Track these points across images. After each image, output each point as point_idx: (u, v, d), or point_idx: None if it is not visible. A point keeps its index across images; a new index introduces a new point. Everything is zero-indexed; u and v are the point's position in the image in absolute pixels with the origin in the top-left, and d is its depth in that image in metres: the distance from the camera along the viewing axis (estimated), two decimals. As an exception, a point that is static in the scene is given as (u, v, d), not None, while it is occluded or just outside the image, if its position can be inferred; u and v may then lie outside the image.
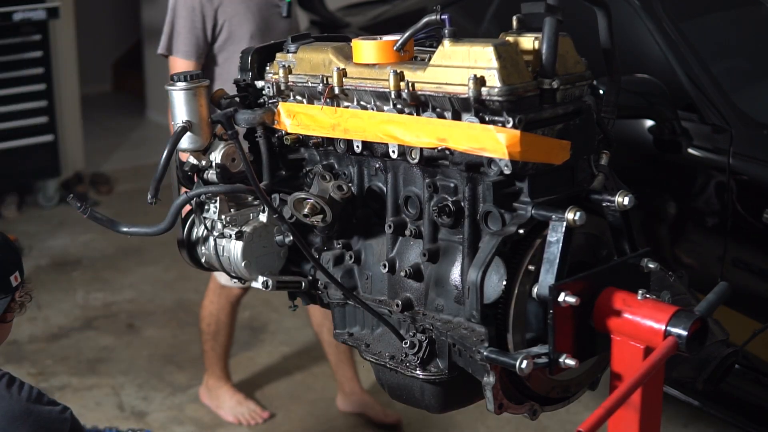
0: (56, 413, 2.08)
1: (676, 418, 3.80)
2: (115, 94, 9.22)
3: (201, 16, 3.49)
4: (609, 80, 2.00)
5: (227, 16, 3.50)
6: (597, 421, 1.56)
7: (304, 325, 4.63)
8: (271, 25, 3.57)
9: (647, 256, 1.83)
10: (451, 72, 1.75)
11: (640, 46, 3.48)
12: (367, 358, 1.99)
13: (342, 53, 1.97)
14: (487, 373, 1.74)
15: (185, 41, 3.52)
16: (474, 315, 1.73)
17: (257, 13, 3.54)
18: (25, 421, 2.02)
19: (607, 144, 1.94)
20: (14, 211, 6.25)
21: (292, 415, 4.02)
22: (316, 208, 1.93)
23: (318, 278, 2.08)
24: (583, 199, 1.84)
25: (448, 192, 1.84)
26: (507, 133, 1.68)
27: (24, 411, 2.03)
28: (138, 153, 7.34)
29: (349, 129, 1.93)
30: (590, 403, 3.11)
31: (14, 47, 6.02)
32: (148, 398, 4.14)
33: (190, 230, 2.14)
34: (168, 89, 2.00)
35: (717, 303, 1.84)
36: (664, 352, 1.65)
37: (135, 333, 4.72)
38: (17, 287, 2.18)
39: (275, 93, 2.09)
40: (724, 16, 3.77)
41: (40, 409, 2.06)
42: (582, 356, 1.74)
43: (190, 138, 2.00)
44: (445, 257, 1.87)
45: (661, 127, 3.32)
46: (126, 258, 5.54)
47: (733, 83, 3.39)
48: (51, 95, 6.23)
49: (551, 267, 1.70)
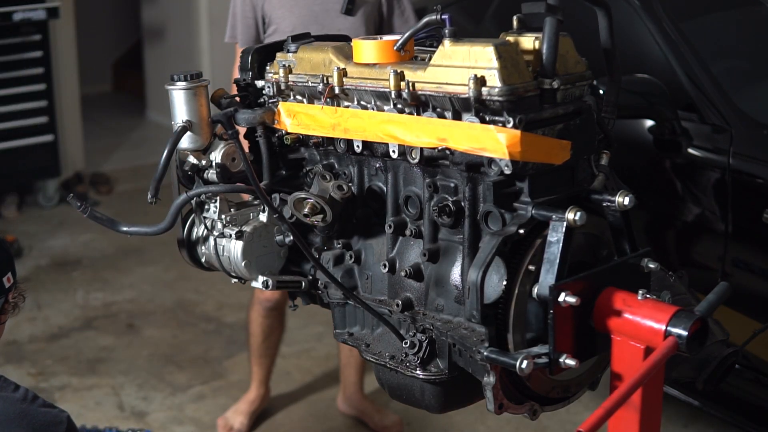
0: (52, 416, 2.05)
1: (676, 418, 3.80)
2: (115, 94, 9.22)
3: (251, 5, 3.46)
4: (609, 80, 2.00)
5: (272, 8, 3.44)
6: (597, 421, 1.56)
7: (304, 325, 4.63)
8: (323, 22, 3.39)
9: (647, 256, 1.83)
10: (451, 72, 1.75)
11: (640, 46, 3.48)
12: (367, 358, 1.99)
13: (342, 53, 1.97)
14: (487, 373, 1.74)
15: (243, 30, 3.50)
16: (474, 315, 1.73)
17: (304, 7, 3.41)
18: (20, 423, 2.00)
19: (607, 144, 1.94)
20: (14, 211, 6.25)
21: (292, 415, 4.02)
22: (316, 208, 1.93)
23: (318, 278, 2.08)
24: (583, 199, 1.84)
25: (448, 192, 1.84)
26: (507, 133, 1.68)
27: (19, 413, 2.01)
28: (138, 153, 7.34)
29: (349, 129, 1.93)
30: (590, 403, 3.12)
31: (14, 47, 6.02)
32: (148, 398, 4.14)
33: (190, 230, 2.14)
34: (168, 89, 2.00)
35: (717, 303, 1.84)
36: (665, 352, 1.65)
37: (135, 333, 4.72)
38: (10, 289, 2.14)
39: (275, 92, 2.09)
40: (724, 16, 3.77)
41: (36, 411, 2.04)
42: (582, 356, 1.74)
43: (190, 138, 2.00)
44: (445, 257, 1.87)
45: (661, 127, 3.32)
46: (126, 258, 5.54)
47: (733, 83, 3.39)
48: (51, 95, 6.23)
49: (551, 267, 1.70)
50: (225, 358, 4.42)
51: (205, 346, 4.59)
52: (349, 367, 3.92)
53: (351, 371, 3.92)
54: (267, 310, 3.78)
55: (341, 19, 3.38)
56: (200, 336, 4.69)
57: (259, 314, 3.80)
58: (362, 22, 3.42)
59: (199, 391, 4.19)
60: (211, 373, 4.34)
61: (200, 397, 4.15)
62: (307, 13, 3.40)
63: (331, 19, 3.39)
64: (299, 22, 3.38)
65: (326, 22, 3.38)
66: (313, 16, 3.40)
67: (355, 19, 3.40)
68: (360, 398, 3.93)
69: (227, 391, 4.17)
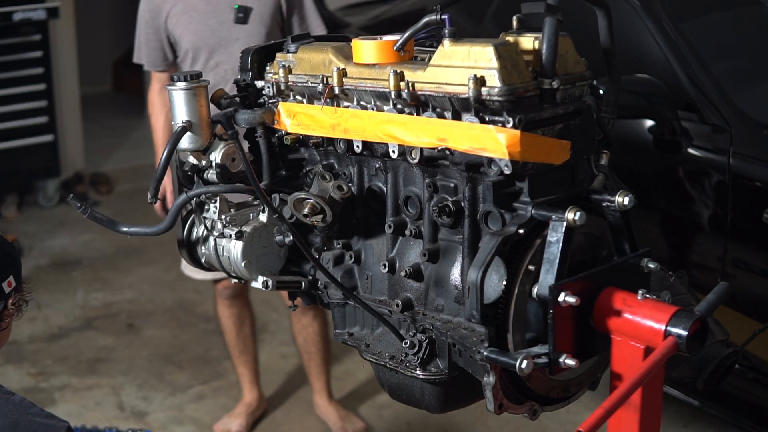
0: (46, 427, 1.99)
1: (676, 418, 3.80)
2: (115, 94, 9.22)
3: (154, 28, 3.54)
4: (609, 80, 2.00)
5: (174, 28, 3.51)
6: (597, 421, 1.56)
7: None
8: (219, 34, 3.46)
9: (647, 256, 1.83)
10: (451, 72, 1.75)
11: (640, 46, 3.48)
12: (367, 358, 1.98)
13: (342, 53, 1.97)
14: (487, 373, 1.74)
15: (147, 52, 3.59)
16: (474, 315, 1.73)
17: (200, 23, 3.47)
18: None
19: (607, 144, 1.94)
20: (14, 211, 6.25)
21: (292, 415, 4.03)
22: (316, 208, 1.93)
23: (318, 278, 2.08)
24: (583, 199, 1.84)
25: (448, 192, 1.84)
26: (507, 133, 1.68)
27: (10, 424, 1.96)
28: (138, 153, 7.34)
29: (349, 129, 1.93)
30: (590, 403, 3.12)
31: (14, 47, 6.02)
32: (148, 398, 4.14)
33: (190, 230, 2.14)
34: (168, 89, 2.00)
35: (717, 303, 1.84)
36: (664, 352, 1.65)
37: (135, 333, 4.72)
38: (10, 293, 2.10)
39: (275, 93, 2.09)
40: (724, 16, 3.77)
41: (30, 421, 2.00)
42: (582, 356, 1.74)
43: (190, 138, 2.00)
44: (445, 257, 1.87)
45: (661, 127, 3.32)
46: (126, 258, 5.54)
47: (733, 83, 3.39)
48: (51, 95, 6.24)
49: (551, 267, 1.70)
50: (225, 358, 4.42)
51: (205, 346, 4.59)
52: (310, 376, 3.96)
53: (312, 379, 3.95)
54: (229, 299, 3.82)
55: (237, 29, 3.45)
56: (200, 336, 4.69)
57: (224, 306, 3.85)
58: (259, 28, 3.46)
59: (199, 391, 4.19)
60: (211, 373, 4.34)
61: (200, 397, 4.15)
62: (204, 28, 3.47)
63: (227, 30, 3.46)
64: (197, 38, 3.47)
65: (223, 34, 3.46)
66: (209, 30, 3.47)
67: (250, 26, 3.46)
68: (323, 404, 3.94)
69: (227, 391, 4.17)
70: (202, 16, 3.48)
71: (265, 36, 3.46)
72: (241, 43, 3.35)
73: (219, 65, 3.49)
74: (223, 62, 3.49)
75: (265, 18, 3.47)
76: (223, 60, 3.49)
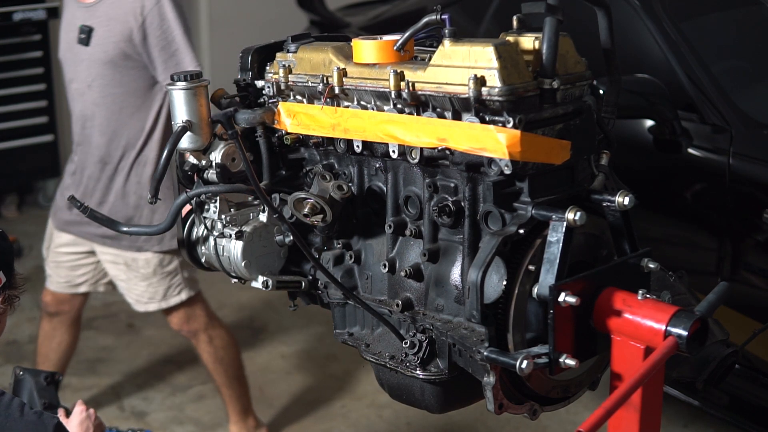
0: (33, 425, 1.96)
1: (676, 418, 3.80)
2: (115, 94, 9.20)
3: None
4: (609, 80, 2.00)
5: None
6: (597, 421, 1.56)
7: (304, 325, 4.63)
8: (73, 50, 3.46)
9: (647, 256, 1.83)
10: (451, 72, 1.75)
11: (640, 46, 3.48)
12: (367, 358, 1.98)
13: (342, 53, 1.97)
14: (487, 373, 1.74)
15: None
16: (474, 315, 1.73)
17: (66, 34, 3.50)
18: None
19: (607, 144, 1.94)
20: (14, 211, 6.25)
21: (291, 415, 4.02)
22: (316, 208, 1.93)
23: (318, 278, 2.08)
24: (583, 199, 1.84)
25: (448, 192, 1.84)
26: (507, 133, 1.68)
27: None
28: (138, 153, 7.33)
29: (349, 129, 1.93)
30: (590, 403, 3.11)
31: (14, 47, 6.02)
32: (148, 398, 4.14)
33: (190, 230, 2.14)
34: (168, 89, 2.00)
35: (717, 303, 1.84)
36: (664, 352, 1.65)
37: (135, 333, 4.72)
38: (3, 287, 2.06)
39: (275, 93, 2.09)
40: (724, 16, 3.77)
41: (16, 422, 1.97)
42: (582, 356, 1.74)
43: (190, 138, 2.00)
44: (445, 257, 1.87)
45: (661, 127, 3.32)
46: (126, 258, 5.53)
47: (733, 83, 3.39)
48: (51, 95, 6.23)
49: (551, 267, 1.70)
50: (225, 358, 4.42)
51: (205, 346, 4.58)
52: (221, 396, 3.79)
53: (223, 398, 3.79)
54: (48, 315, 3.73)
55: (81, 49, 3.43)
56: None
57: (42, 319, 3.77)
58: (99, 54, 3.37)
59: (199, 391, 4.19)
60: (211, 373, 4.34)
61: (200, 397, 4.15)
62: (64, 42, 3.53)
63: (77, 47, 3.44)
64: (62, 50, 3.53)
65: (75, 50, 3.46)
66: (68, 45, 3.50)
67: (92, 49, 3.39)
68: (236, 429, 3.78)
69: (227, 391, 4.16)
70: (67, 28, 3.51)
71: (106, 62, 3.35)
72: (85, 65, 3.39)
73: (71, 81, 3.50)
74: (73, 80, 3.49)
75: (107, 44, 3.35)
76: (73, 78, 3.49)
